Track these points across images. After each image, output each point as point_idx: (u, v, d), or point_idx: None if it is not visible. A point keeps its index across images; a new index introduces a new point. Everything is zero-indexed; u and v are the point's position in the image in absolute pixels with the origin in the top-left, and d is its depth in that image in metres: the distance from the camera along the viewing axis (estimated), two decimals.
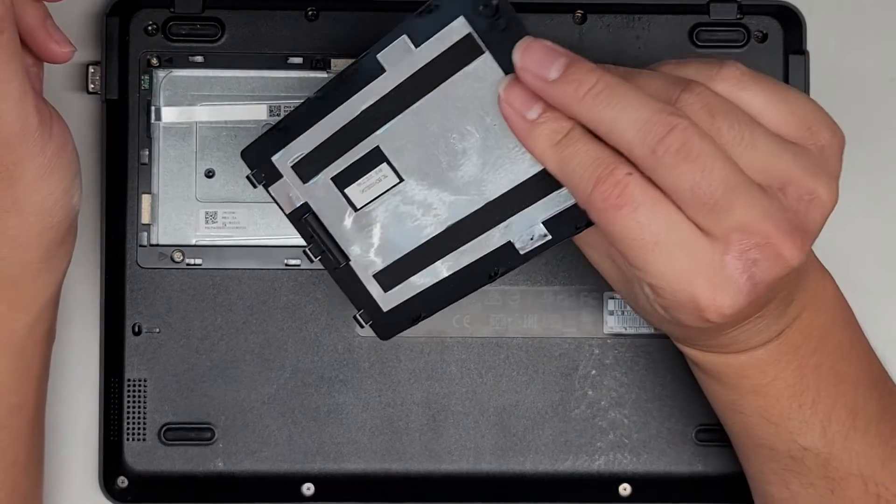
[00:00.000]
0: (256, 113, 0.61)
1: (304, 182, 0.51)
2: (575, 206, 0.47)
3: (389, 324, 0.52)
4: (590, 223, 0.46)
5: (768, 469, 0.53)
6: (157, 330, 0.61)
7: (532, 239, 0.49)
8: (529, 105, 0.45)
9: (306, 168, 0.51)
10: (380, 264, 0.52)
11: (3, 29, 0.49)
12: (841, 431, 0.51)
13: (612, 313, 0.61)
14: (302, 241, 0.52)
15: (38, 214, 0.52)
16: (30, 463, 0.56)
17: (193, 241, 0.61)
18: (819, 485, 0.52)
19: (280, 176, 0.51)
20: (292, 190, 0.52)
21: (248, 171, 0.52)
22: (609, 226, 0.44)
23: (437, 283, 0.51)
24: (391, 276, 0.52)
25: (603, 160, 0.44)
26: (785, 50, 0.61)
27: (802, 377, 0.51)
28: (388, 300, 0.52)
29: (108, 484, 0.60)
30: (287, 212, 0.52)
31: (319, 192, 0.51)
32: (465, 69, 0.47)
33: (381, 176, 0.50)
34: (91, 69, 0.60)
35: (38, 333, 0.55)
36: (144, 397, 0.60)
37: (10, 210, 0.51)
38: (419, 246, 0.51)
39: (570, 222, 0.48)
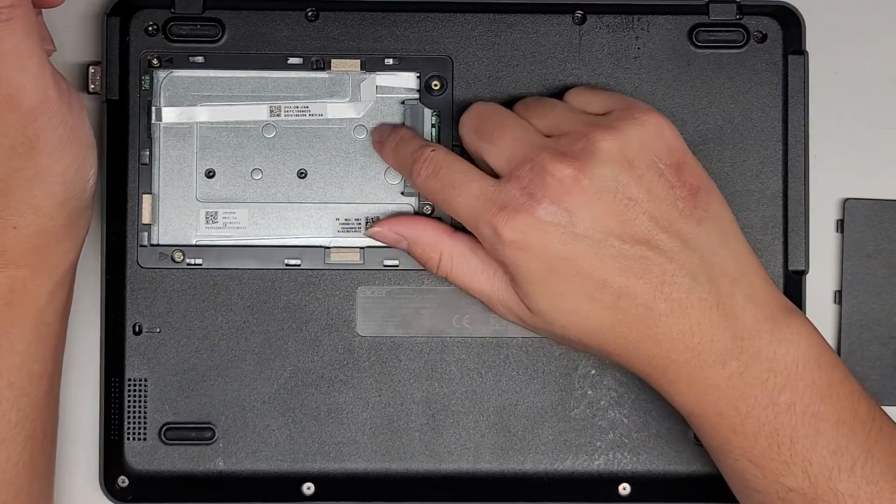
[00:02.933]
0: (257, 113, 0.61)
1: None
2: None
3: None
4: None
5: None
6: (158, 330, 0.61)
7: None
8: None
9: None
10: None
11: (21, 3, 0.50)
12: (824, 472, 0.52)
13: None
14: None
15: (61, 184, 0.53)
16: (46, 439, 0.57)
17: (194, 241, 0.61)
18: None
19: None
20: None
21: None
22: (421, 188, 0.57)
23: None
24: None
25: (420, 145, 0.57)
26: (784, 50, 0.61)
27: (776, 415, 0.52)
28: None
29: (108, 483, 0.60)
30: None
31: None
32: None
33: None
34: (91, 69, 0.60)
35: (58, 301, 0.56)
36: (145, 397, 0.60)
37: (34, 179, 0.53)
38: None
39: None
